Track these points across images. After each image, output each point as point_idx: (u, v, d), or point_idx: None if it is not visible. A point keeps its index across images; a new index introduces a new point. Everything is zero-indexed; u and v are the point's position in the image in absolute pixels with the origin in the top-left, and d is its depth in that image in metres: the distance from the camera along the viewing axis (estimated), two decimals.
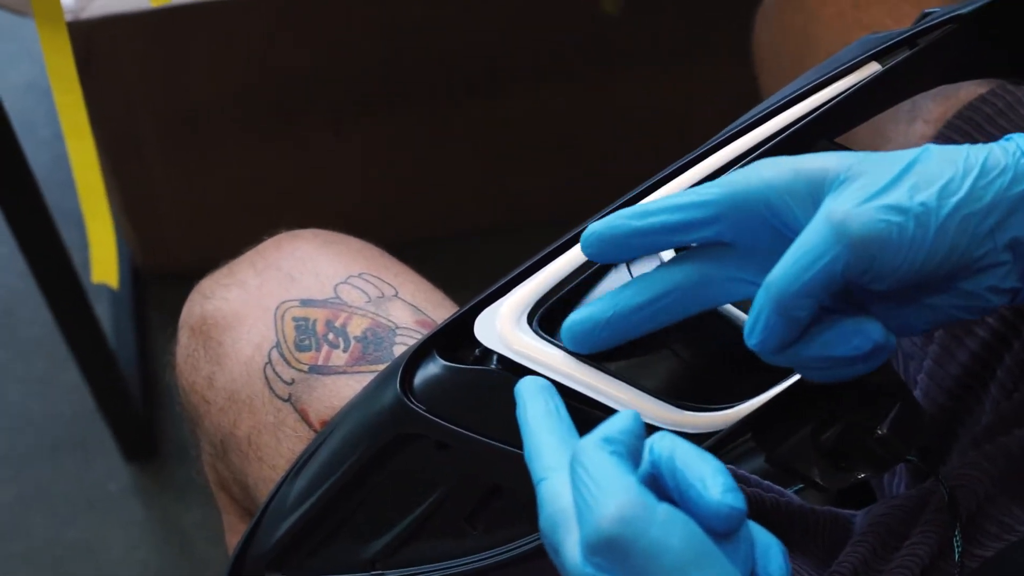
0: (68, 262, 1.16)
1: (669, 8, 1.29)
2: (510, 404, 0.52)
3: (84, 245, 1.07)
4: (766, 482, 0.65)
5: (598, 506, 0.44)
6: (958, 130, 0.73)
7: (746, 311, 0.53)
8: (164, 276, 1.43)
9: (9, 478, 1.33)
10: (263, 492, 0.66)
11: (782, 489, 0.65)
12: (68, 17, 1.18)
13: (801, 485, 0.67)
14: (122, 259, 1.42)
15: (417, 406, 0.55)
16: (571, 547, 0.45)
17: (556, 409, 0.50)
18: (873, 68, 0.62)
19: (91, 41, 1.19)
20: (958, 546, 0.59)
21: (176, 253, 1.41)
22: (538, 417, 0.50)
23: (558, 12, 1.28)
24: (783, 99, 0.61)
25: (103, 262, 1.00)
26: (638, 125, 1.38)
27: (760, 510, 0.64)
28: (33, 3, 0.81)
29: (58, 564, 1.29)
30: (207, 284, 0.72)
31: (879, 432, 0.53)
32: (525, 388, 0.52)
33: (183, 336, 0.72)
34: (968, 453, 0.63)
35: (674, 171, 0.59)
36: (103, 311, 1.38)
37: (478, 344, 0.55)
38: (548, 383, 0.52)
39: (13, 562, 1.29)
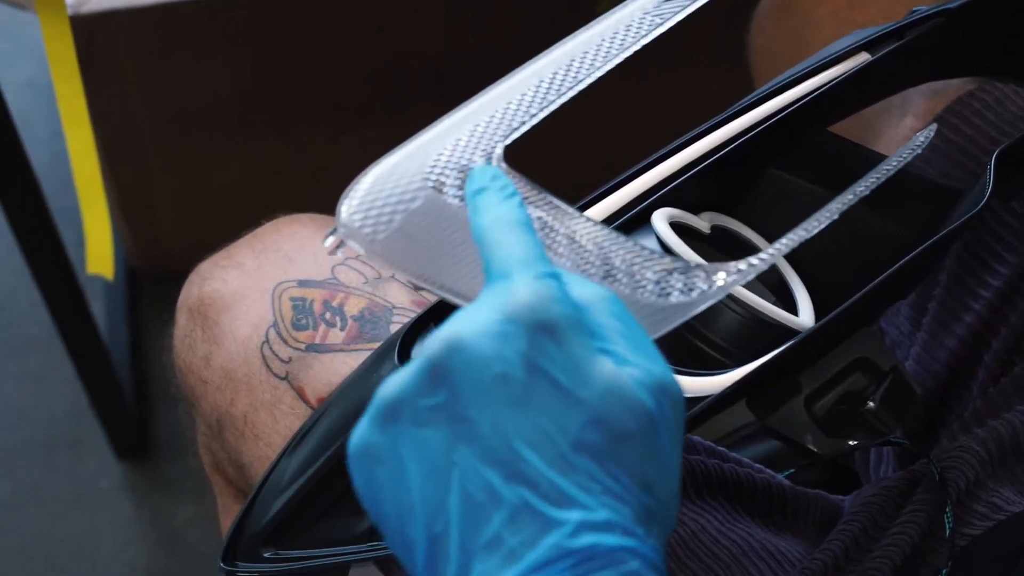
0: (66, 259, 1.17)
1: None
2: None
3: (79, 243, 1.08)
4: (758, 464, 0.66)
5: None
6: (946, 124, 0.74)
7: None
8: (159, 276, 1.43)
9: (3, 474, 1.34)
10: (258, 471, 0.67)
11: (773, 472, 0.66)
12: (68, 11, 1.19)
13: (793, 470, 0.68)
14: (117, 258, 1.42)
15: None
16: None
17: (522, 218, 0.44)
18: (863, 58, 0.63)
19: (91, 36, 1.19)
20: (949, 523, 0.59)
21: (171, 253, 1.41)
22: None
23: (554, 16, 1.29)
24: (773, 87, 0.62)
25: (98, 254, 1.01)
26: (636, 130, 1.38)
27: (751, 491, 0.65)
28: None
29: (50, 560, 1.29)
30: (205, 266, 0.73)
31: (871, 404, 0.54)
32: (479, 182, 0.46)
33: (181, 318, 0.73)
34: (958, 437, 0.64)
35: (663, 155, 0.61)
36: (97, 310, 1.39)
37: None
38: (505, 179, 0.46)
39: (6, 557, 1.29)
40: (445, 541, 0.39)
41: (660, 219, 0.60)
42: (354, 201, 0.47)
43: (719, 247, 0.63)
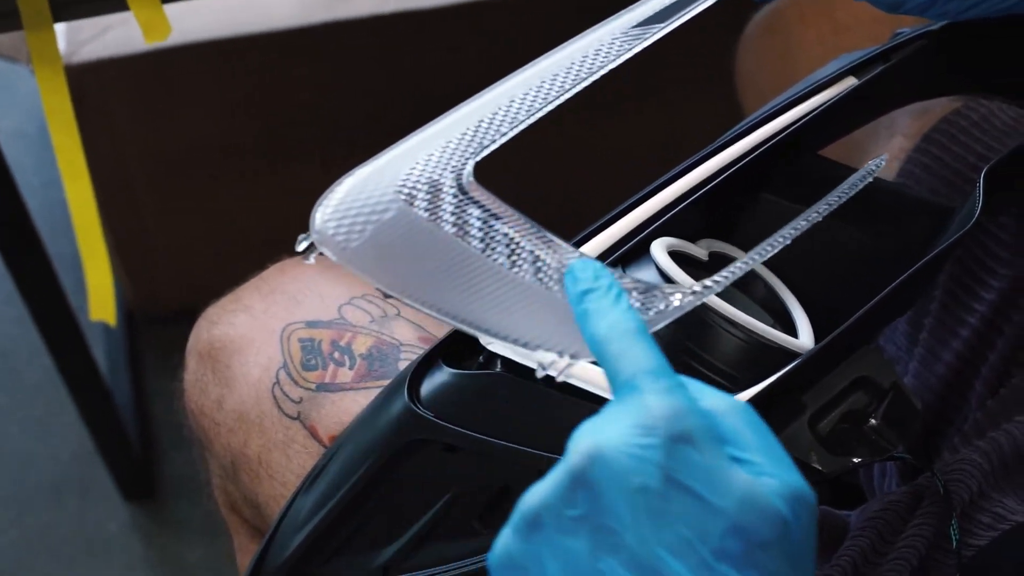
0: (66, 305, 1.18)
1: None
2: (516, 405, 0.53)
3: (78, 289, 1.09)
4: None
5: None
6: (935, 143, 0.75)
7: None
8: (157, 318, 1.44)
9: (11, 520, 1.34)
10: (274, 510, 0.68)
11: None
12: None
13: None
14: (116, 301, 1.43)
15: (425, 412, 0.57)
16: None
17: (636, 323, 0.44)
18: (850, 82, 0.65)
19: (82, 85, 1.21)
20: (955, 535, 0.61)
21: (168, 295, 1.42)
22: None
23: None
24: (763, 114, 0.64)
25: (100, 300, 1.01)
26: (625, 157, 1.40)
27: None
28: (30, 45, 0.83)
29: None
30: (213, 311, 0.74)
31: (873, 421, 0.56)
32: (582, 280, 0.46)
33: (191, 362, 0.74)
34: (960, 450, 0.66)
35: (659, 185, 0.62)
36: (98, 354, 1.40)
37: (482, 351, 0.57)
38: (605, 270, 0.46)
39: None
40: None
41: (659, 249, 0.61)
42: (328, 209, 0.49)
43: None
